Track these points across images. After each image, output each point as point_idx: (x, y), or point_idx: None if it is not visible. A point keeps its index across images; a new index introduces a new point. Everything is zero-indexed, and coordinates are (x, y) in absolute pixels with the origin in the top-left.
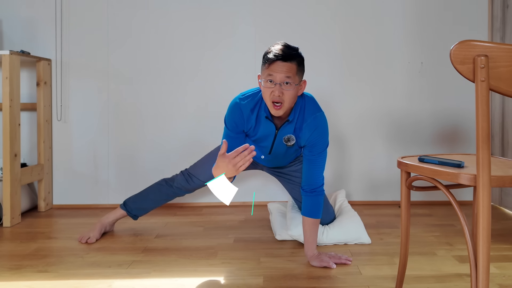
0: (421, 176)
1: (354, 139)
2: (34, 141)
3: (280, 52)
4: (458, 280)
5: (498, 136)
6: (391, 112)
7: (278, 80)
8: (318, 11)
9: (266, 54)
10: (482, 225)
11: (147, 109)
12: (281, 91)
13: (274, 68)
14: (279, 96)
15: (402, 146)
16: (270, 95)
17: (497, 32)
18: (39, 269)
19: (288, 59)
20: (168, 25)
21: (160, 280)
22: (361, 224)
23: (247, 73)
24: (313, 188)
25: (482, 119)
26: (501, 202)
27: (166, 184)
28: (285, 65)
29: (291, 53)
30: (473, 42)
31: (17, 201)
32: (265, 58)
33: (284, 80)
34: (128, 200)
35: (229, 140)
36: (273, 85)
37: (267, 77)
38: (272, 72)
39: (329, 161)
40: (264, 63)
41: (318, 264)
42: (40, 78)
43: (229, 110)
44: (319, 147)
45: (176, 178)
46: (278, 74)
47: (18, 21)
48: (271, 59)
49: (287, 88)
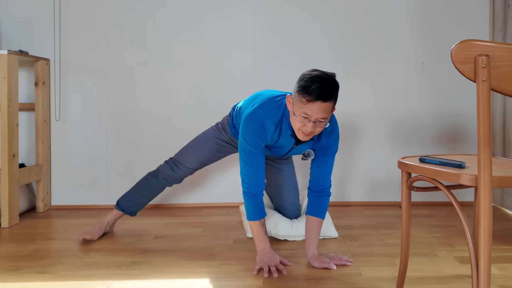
0: (422, 176)
1: (354, 139)
2: (32, 142)
3: (321, 92)
4: (459, 281)
5: (500, 136)
6: (391, 112)
7: (314, 119)
8: (318, 10)
9: (306, 87)
10: (483, 226)
11: (146, 109)
12: (314, 127)
13: (312, 108)
14: (310, 131)
15: (402, 146)
16: (302, 127)
17: (499, 32)
18: (37, 270)
19: (328, 99)
20: (167, 25)
21: (159, 281)
22: (329, 218)
23: (247, 72)
24: (322, 188)
25: (484, 119)
26: (502, 203)
27: (152, 177)
28: (324, 105)
29: (332, 91)
30: (474, 41)
31: (15, 201)
32: (304, 90)
33: (320, 119)
34: (121, 200)
35: (253, 158)
36: (307, 121)
37: (302, 113)
38: (309, 111)
39: None
40: (301, 95)
41: (319, 265)
42: (38, 78)
43: (250, 128)
44: (333, 149)
45: (160, 168)
46: (315, 114)
47: (16, 20)
48: (312, 99)
49: (320, 125)
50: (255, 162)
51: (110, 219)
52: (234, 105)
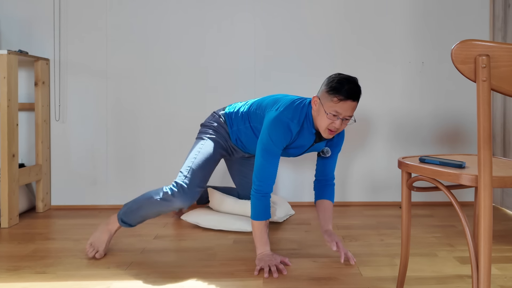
0: (422, 176)
1: (354, 139)
2: (32, 142)
3: (352, 92)
4: (459, 282)
5: (500, 136)
6: (392, 112)
7: (343, 116)
8: (318, 10)
9: (337, 88)
10: (484, 226)
11: (146, 109)
12: (341, 124)
13: (343, 106)
14: (337, 128)
15: (402, 146)
16: (329, 125)
17: (499, 32)
18: (37, 270)
19: (356, 98)
20: (167, 25)
21: (159, 281)
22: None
23: (247, 73)
24: (328, 179)
25: (484, 119)
26: (502, 203)
27: (164, 208)
28: (353, 104)
29: (359, 92)
30: (474, 41)
31: (15, 202)
32: (336, 90)
33: (347, 116)
34: (128, 220)
35: (274, 157)
36: (336, 118)
37: (332, 111)
38: (340, 109)
39: None
40: (332, 95)
41: (328, 238)
42: (38, 78)
43: (278, 130)
44: (340, 146)
45: (174, 200)
46: (345, 112)
47: (16, 20)
48: (343, 98)
49: (346, 123)
50: (274, 161)
51: (113, 230)
52: (227, 112)
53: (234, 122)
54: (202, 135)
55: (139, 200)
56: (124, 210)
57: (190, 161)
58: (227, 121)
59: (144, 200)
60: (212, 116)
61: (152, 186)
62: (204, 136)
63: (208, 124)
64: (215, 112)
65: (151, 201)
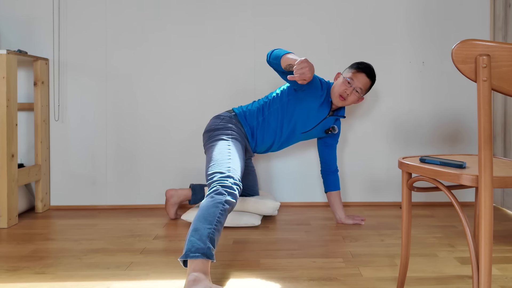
0: (422, 177)
1: (354, 139)
2: (31, 142)
3: (368, 70)
4: (460, 282)
5: (500, 137)
6: (392, 112)
7: (355, 85)
8: (318, 10)
9: (358, 64)
10: (484, 226)
11: (146, 108)
12: (351, 92)
13: (358, 76)
14: (347, 94)
15: (403, 146)
16: (342, 90)
17: (499, 31)
18: (36, 270)
19: (370, 76)
20: (166, 24)
21: (159, 282)
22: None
23: (247, 73)
24: (333, 169)
25: (484, 119)
26: (503, 203)
27: (228, 210)
28: (366, 79)
29: (374, 76)
30: (475, 41)
31: (14, 202)
32: (356, 65)
33: (358, 87)
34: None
35: (308, 89)
36: (349, 86)
37: (348, 77)
38: (355, 78)
39: None
40: (352, 68)
41: (352, 221)
42: (37, 78)
43: (322, 79)
44: (339, 133)
45: (233, 199)
46: (358, 81)
47: (15, 20)
48: (360, 70)
49: (355, 93)
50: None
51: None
52: (238, 112)
53: (248, 119)
54: (221, 136)
55: (211, 227)
56: (207, 245)
57: (227, 161)
58: (241, 120)
59: (217, 223)
60: (220, 119)
61: (151, 186)
62: (225, 137)
63: (222, 126)
64: (221, 115)
65: (223, 216)
